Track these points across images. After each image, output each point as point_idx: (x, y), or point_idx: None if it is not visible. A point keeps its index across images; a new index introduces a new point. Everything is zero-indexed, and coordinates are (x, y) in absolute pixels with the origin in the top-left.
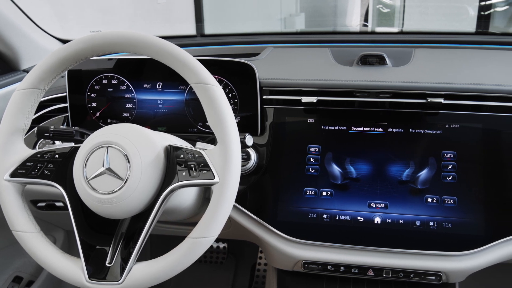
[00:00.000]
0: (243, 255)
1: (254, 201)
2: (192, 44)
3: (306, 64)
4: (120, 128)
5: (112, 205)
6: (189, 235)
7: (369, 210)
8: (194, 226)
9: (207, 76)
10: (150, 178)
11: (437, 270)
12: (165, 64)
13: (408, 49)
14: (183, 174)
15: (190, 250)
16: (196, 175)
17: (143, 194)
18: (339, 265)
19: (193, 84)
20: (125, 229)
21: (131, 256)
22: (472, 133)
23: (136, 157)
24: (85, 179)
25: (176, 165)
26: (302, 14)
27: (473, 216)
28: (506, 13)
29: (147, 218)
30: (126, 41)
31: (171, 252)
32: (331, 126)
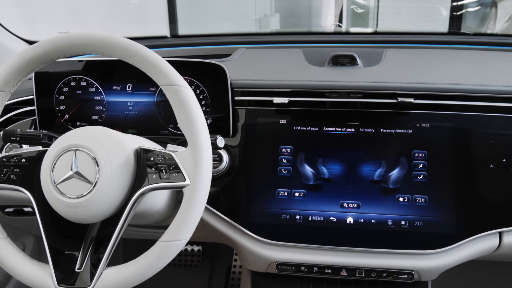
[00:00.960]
0: (218, 257)
1: (227, 203)
2: (164, 45)
3: (277, 64)
4: (89, 131)
5: (81, 210)
6: (160, 239)
7: (341, 210)
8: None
9: (176, 77)
10: (119, 182)
11: (409, 268)
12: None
13: (379, 49)
14: (153, 177)
15: (161, 254)
16: (166, 178)
17: (113, 198)
18: (312, 265)
19: (162, 85)
20: (95, 233)
21: (101, 261)
22: (442, 132)
23: (105, 160)
24: (53, 183)
25: (147, 167)
26: (276, 14)
27: (444, 215)
28: (477, 13)
29: (117, 222)
30: (94, 43)
31: (142, 256)
32: (303, 127)
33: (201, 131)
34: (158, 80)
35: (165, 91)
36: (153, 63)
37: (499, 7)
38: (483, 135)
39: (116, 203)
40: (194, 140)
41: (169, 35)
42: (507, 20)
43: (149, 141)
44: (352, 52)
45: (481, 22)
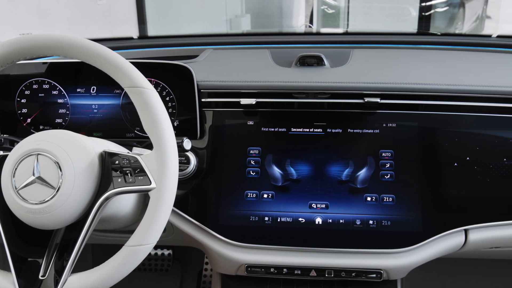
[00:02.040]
0: (189, 261)
1: (195, 206)
2: (130, 47)
3: (245, 65)
4: (51, 135)
5: (44, 215)
6: (126, 243)
7: (310, 211)
8: None
9: (140, 79)
10: (83, 186)
11: (378, 267)
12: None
13: (346, 50)
14: (118, 181)
15: (127, 259)
16: (132, 181)
17: (77, 203)
18: (281, 267)
19: (126, 88)
20: (59, 239)
21: (66, 268)
22: (408, 131)
23: (68, 165)
24: (14, 189)
25: (112, 171)
26: (247, 15)
27: (411, 213)
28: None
29: (82, 227)
30: (55, 44)
31: (107, 262)
32: (270, 128)
33: (166, 133)
34: (122, 82)
35: (129, 94)
36: (116, 64)
37: (467, 7)
38: (447, 134)
39: (80, 208)
40: (159, 143)
41: (138, 36)
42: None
43: (115, 144)
44: (319, 52)
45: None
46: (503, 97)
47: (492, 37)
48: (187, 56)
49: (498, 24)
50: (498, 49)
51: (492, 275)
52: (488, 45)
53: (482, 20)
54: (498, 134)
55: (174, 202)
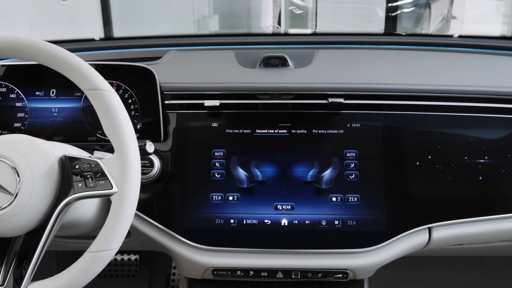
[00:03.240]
0: (156, 266)
1: (160, 210)
2: (92, 48)
3: (209, 67)
4: (8, 139)
5: (1, 223)
6: (88, 249)
7: (275, 212)
8: None
9: (100, 81)
10: (43, 192)
11: (344, 267)
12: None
13: (311, 50)
14: (79, 186)
15: (89, 265)
16: (93, 186)
17: (36, 209)
18: (248, 269)
19: (86, 90)
20: (19, 247)
21: (25, 276)
22: (372, 131)
23: (26, 170)
24: None
25: (72, 176)
26: (215, 16)
27: (376, 213)
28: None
29: (42, 234)
30: (10, 46)
31: (69, 269)
32: (235, 130)
33: (127, 136)
34: (81, 85)
35: (88, 96)
36: (74, 66)
37: (433, 8)
38: (410, 133)
39: (39, 214)
40: (120, 146)
41: (100, 38)
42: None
43: (76, 148)
44: (283, 53)
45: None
46: (462, 96)
47: (453, 37)
48: (150, 57)
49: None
50: (459, 49)
51: (458, 271)
52: (450, 45)
53: (448, 20)
54: (459, 132)
55: (138, 206)
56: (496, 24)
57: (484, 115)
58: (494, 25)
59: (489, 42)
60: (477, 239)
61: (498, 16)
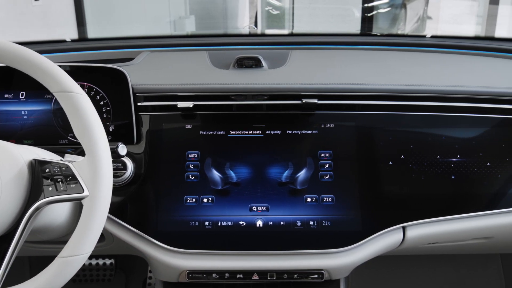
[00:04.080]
0: (132, 270)
1: (134, 213)
2: (64, 50)
3: (182, 68)
4: None
5: None
6: (59, 254)
7: (250, 214)
8: None
9: (70, 83)
10: (11, 197)
11: (319, 268)
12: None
13: (285, 51)
14: (49, 190)
15: (60, 271)
16: (63, 190)
17: (5, 214)
18: (223, 272)
19: (55, 92)
20: None
21: None
22: (346, 132)
23: None
24: None
25: (42, 180)
26: (192, 16)
27: (351, 213)
28: (388, 15)
29: (12, 239)
30: None
31: (39, 274)
32: (209, 131)
33: (98, 139)
34: (50, 87)
35: (58, 99)
36: (43, 68)
37: (409, 8)
38: (382, 133)
39: (8, 219)
40: (91, 149)
41: (72, 39)
42: (417, 21)
43: (46, 152)
44: (257, 54)
45: (392, 23)
46: (434, 96)
47: (426, 37)
48: (123, 59)
49: (438, 24)
50: (432, 49)
51: (434, 269)
52: (423, 45)
53: (423, 20)
54: (432, 132)
55: (111, 209)
56: (470, 24)
57: (456, 115)
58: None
59: (461, 42)
60: (450, 238)
61: (472, 17)
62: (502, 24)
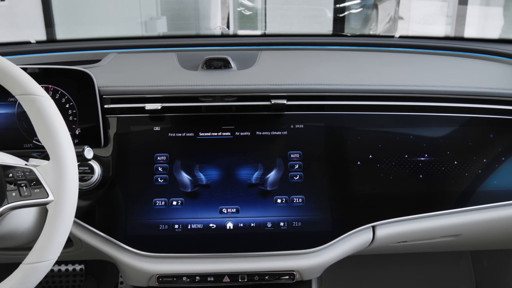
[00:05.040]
0: (103, 275)
1: (102, 217)
2: (28, 52)
3: (150, 69)
4: None
5: None
6: (23, 261)
7: (220, 216)
8: None
9: (33, 86)
10: None
11: (290, 269)
12: None
13: (254, 52)
14: (13, 195)
15: (25, 278)
16: (27, 195)
17: None
18: (194, 275)
19: (17, 95)
20: None
21: None
22: (315, 132)
23: None
24: None
25: (6, 185)
26: (163, 17)
27: (321, 213)
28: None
29: None
30: None
31: (4, 282)
32: (178, 133)
33: (63, 142)
34: (13, 90)
35: (21, 102)
36: (4, 71)
37: (380, 9)
38: (351, 133)
39: None
40: (56, 153)
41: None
42: (388, 21)
43: (10, 156)
44: (226, 55)
45: (364, 24)
46: (401, 96)
47: (394, 37)
48: (89, 60)
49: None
50: (401, 49)
51: (406, 267)
52: (391, 45)
53: (395, 21)
54: (400, 131)
55: (79, 214)
56: (441, 24)
57: (423, 114)
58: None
59: (428, 42)
60: (419, 236)
61: (442, 17)
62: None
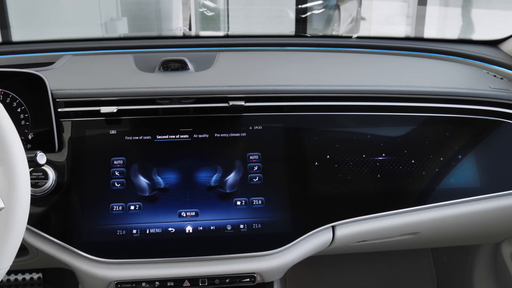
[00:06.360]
0: (63, 283)
1: (57, 224)
2: None
3: (105, 72)
4: None
5: None
6: None
7: (179, 219)
8: None
9: None
10: None
11: (251, 271)
12: None
13: (212, 53)
14: None
15: None
16: None
17: None
18: (153, 280)
19: None
20: None
21: None
22: (274, 133)
23: None
24: None
25: None
26: (124, 18)
27: (280, 214)
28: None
29: None
30: None
31: None
32: (134, 136)
33: (13, 147)
34: None
35: None
36: None
37: (342, 9)
38: (309, 133)
39: None
40: (5, 158)
41: None
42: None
43: None
44: (184, 56)
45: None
46: (359, 96)
47: (352, 38)
48: (42, 63)
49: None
50: (360, 49)
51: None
52: (350, 45)
53: (357, 21)
54: (357, 131)
55: (33, 221)
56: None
57: (380, 114)
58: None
59: (386, 43)
60: (379, 235)
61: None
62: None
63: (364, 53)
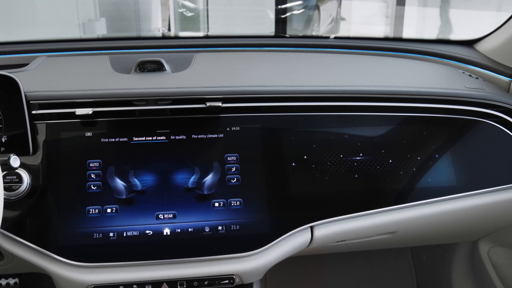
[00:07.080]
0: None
1: (33, 228)
2: None
3: (81, 73)
4: None
5: None
6: None
7: (157, 222)
8: None
9: None
10: None
11: (230, 273)
12: None
13: (190, 54)
14: None
15: None
16: None
17: None
18: (131, 284)
19: None
20: None
21: None
22: (251, 134)
23: None
24: None
25: None
26: (102, 19)
27: (259, 215)
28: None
29: None
30: None
31: None
32: (111, 138)
33: None
34: None
35: None
36: None
37: (322, 9)
38: (286, 134)
39: None
40: None
41: None
42: (331, 22)
43: None
44: (160, 57)
45: (306, 25)
46: (336, 96)
47: (330, 38)
48: (16, 64)
49: (351, 25)
50: (339, 50)
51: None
52: (328, 46)
53: (337, 22)
54: (334, 131)
55: (7, 225)
56: (380, 25)
57: (358, 114)
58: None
59: (364, 43)
60: (357, 235)
61: (382, 18)
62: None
63: (343, 53)
